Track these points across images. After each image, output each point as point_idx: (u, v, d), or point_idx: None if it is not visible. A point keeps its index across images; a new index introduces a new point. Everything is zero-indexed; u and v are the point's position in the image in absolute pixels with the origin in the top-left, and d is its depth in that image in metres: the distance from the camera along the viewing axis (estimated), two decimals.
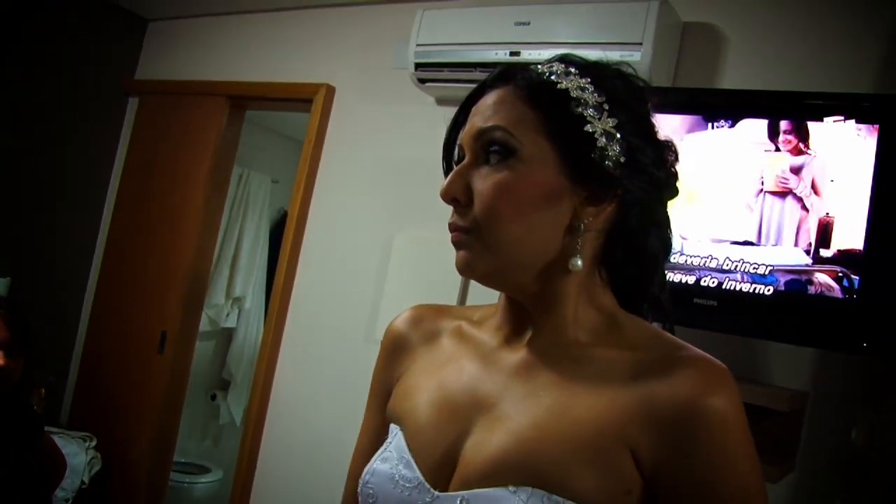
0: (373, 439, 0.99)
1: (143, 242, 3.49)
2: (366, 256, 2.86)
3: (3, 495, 1.99)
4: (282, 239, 3.13)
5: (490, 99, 0.87)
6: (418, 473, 0.85)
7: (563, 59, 0.89)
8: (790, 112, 1.77)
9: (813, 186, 1.71)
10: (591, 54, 0.93)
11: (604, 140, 0.83)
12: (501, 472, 0.78)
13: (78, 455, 3.02)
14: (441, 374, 0.93)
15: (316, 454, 2.80)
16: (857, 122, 1.66)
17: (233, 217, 4.63)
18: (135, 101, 3.76)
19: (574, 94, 0.84)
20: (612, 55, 2.08)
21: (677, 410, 0.75)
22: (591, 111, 0.84)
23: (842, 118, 1.67)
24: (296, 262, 3.05)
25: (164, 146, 3.53)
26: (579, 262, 0.84)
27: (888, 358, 1.67)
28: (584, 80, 0.85)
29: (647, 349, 0.82)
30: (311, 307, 2.99)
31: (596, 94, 0.85)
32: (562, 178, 0.83)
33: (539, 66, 0.88)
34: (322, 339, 2.92)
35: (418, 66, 2.56)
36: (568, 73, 0.86)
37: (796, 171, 1.73)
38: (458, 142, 0.91)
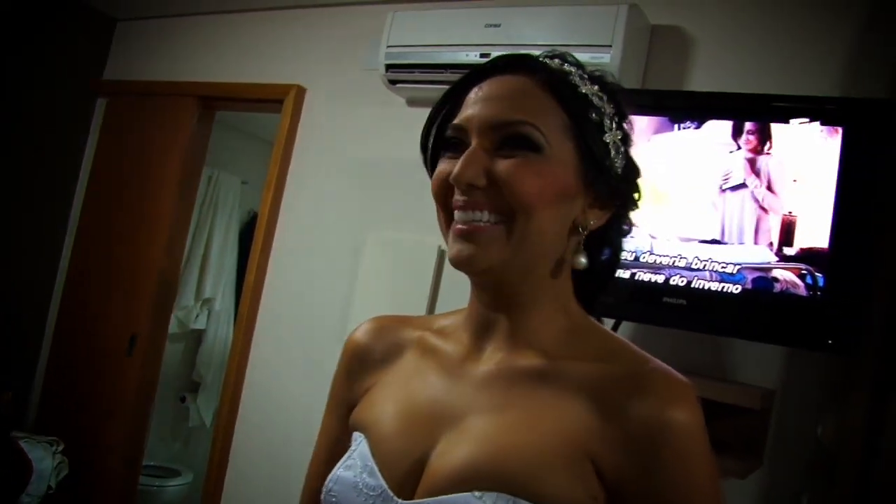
0: (331, 446, 0.99)
1: (111, 244, 3.45)
2: (337, 257, 2.85)
3: None
4: (251, 240, 3.11)
5: (506, 86, 0.84)
6: (382, 482, 0.84)
7: (564, 58, 0.88)
8: (756, 114, 1.80)
9: (769, 185, 1.74)
10: None
11: (614, 150, 0.86)
12: (468, 480, 0.77)
13: (44, 459, 2.98)
14: (406, 386, 0.93)
15: (287, 455, 2.79)
16: (822, 124, 1.70)
17: (202, 218, 4.60)
18: (103, 101, 3.71)
19: (595, 101, 0.85)
20: (582, 57, 2.11)
21: (641, 427, 0.75)
22: (607, 120, 0.86)
23: (807, 120, 1.71)
24: (266, 264, 3.04)
25: (133, 147, 3.49)
26: (584, 260, 0.87)
27: (852, 355, 1.70)
28: (595, 87, 0.86)
29: (612, 362, 0.82)
30: (281, 308, 2.98)
31: (608, 105, 0.86)
32: (578, 180, 0.84)
33: (551, 61, 0.87)
34: (293, 340, 2.91)
35: (389, 67, 2.57)
36: (583, 78, 0.86)
37: (754, 169, 1.76)
38: (458, 125, 0.85)
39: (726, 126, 1.81)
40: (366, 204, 2.83)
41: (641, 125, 1.90)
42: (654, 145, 1.88)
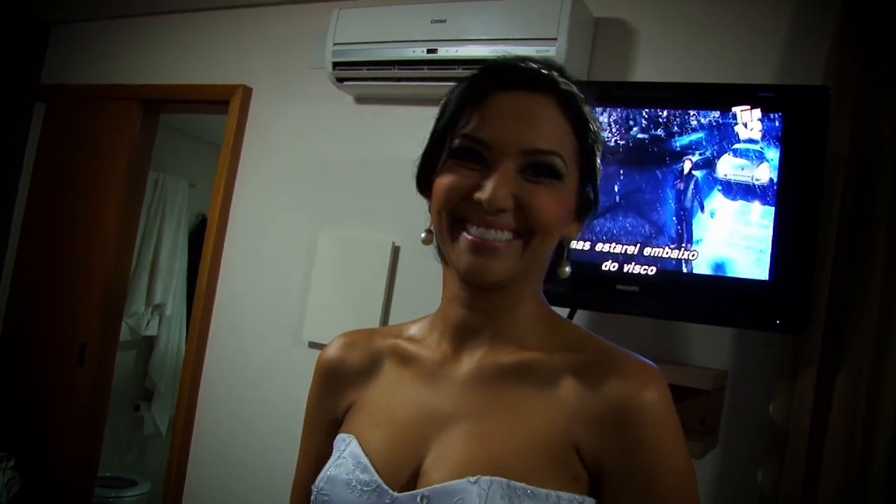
0: (314, 468, 0.98)
1: (56, 252, 3.38)
2: (290, 258, 2.84)
3: None
4: (201, 243, 3.07)
5: (532, 107, 0.86)
6: (376, 476, 0.86)
7: (562, 72, 0.90)
8: (700, 102, 1.83)
9: (715, 173, 1.78)
10: (507, 50, 0.97)
11: (600, 173, 0.94)
12: (464, 473, 0.81)
13: None
14: (393, 396, 0.95)
15: (247, 459, 2.77)
16: (763, 111, 1.74)
17: (150, 223, 4.52)
18: (41, 106, 3.63)
19: (591, 125, 0.90)
20: (528, 51, 2.15)
21: (615, 408, 0.81)
22: (598, 144, 0.92)
23: (748, 107, 1.75)
24: (218, 267, 3.00)
25: (75, 152, 3.42)
26: (568, 269, 0.95)
27: (800, 333, 1.76)
28: (588, 108, 0.90)
29: (584, 351, 0.88)
30: (235, 311, 2.95)
31: (597, 125, 0.92)
32: (575, 201, 0.91)
33: (566, 83, 0.88)
34: (249, 343, 2.88)
35: (336, 65, 2.56)
36: (582, 99, 0.89)
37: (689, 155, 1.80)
38: (484, 142, 0.85)
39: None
40: (317, 203, 2.82)
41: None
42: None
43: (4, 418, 3.38)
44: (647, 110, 1.87)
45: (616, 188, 1.87)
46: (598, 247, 1.87)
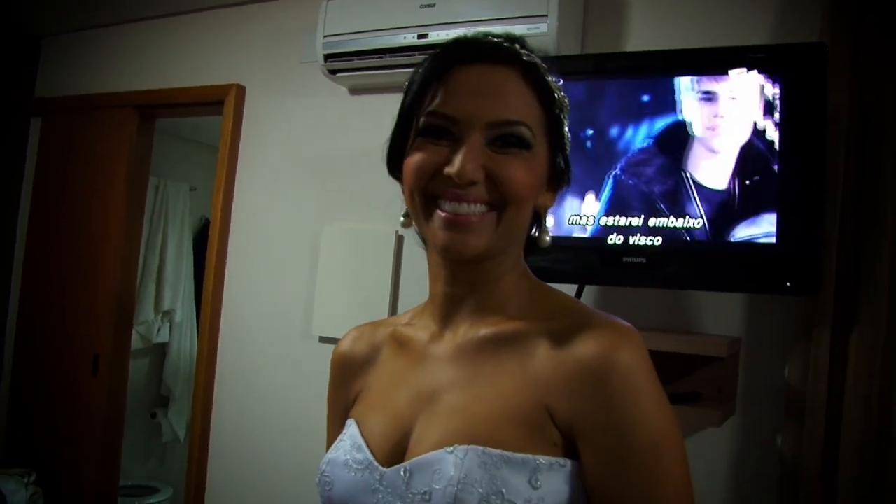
0: None
1: (63, 266, 3.38)
2: (294, 253, 2.83)
3: None
4: (206, 247, 3.07)
5: (496, 79, 0.87)
6: (369, 455, 0.89)
7: (524, 44, 0.90)
8: (694, 68, 1.81)
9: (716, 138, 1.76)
10: (499, 30, 0.95)
11: (568, 141, 0.95)
12: (444, 444, 0.82)
13: (17, 492, 2.93)
14: (388, 380, 0.99)
15: (266, 458, 2.77)
16: (760, 72, 1.72)
17: (153, 229, 4.53)
18: (38, 120, 3.63)
19: (557, 95, 0.91)
20: (519, 29, 2.13)
21: (585, 369, 0.80)
22: (565, 113, 0.93)
23: (744, 70, 1.73)
24: (223, 268, 3.00)
25: (74, 164, 3.42)
26: (548, 238, 0.96)
27: (811, 294, 1.74)
28: (553, 78, 0.91)
29: (561, 318, 0.88)
30: (244, 311, 2.94)
31: (563, 95, 0.92)
32: (546, 170, 0.92)
33: (528, 54, 0.89)
34: (259, 342, 2.88)
35: (327, 57, 2.54)
36: (545, 69, 0.90)
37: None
38: (450, 116, 0.85)
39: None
40: (318, 196, 2.81)
41: (579, 91, 1.91)
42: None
43: (24, 434, 3.40)
44: (643, 80, 1.86)
45: (618, 159, 1.86)
46: (603, 220, 1.86)
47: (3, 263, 3.57)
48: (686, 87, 1.79)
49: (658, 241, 1.81)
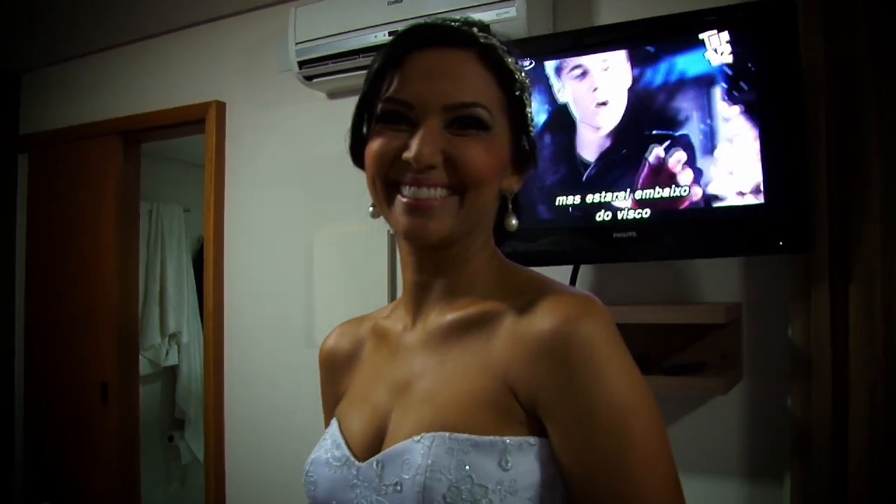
0: None
1: (63, 298, 3.38)
2: (290, 264, 2.83)
3: None
4: None
5: (450, 61, 0.86)
6: (346, 451, 0.90)
7: (481, 27, 0.90)
8: (665, 35, 1.80)
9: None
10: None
11: (531, 122, 0.93)
12: (414, 434, 0.82)
13: None
14: (368, 373, 0.99)
15: (283, 469, 2.76)
16: (730, 32, 1.70)
17: (151, 254, 4.53)
18: (24, 157, 3.63)
19: (517, 75, 0.90)
20: (489, 15, 2.11)
21: (543, 343, 0.79)
22: (526, 94, 0.92)
23: (715, 31, 1.71)
24: (221, 286, 3.00)
25: (65, 196, 3.42)
26: (515, 222, 0.94)
27: (805, 251, 1.73)
28: (512, 59, 0.90)
29: (523, 294, 0.86)
30: (246, 326, 2.94)
31: (524, 76, 0.92)
32: (509, 152, 0.90)
33: (485, 36, 0.88)
34: (263, 356, 2.88)
35: (301, 63, 2.54)
36: (503, 50, 0.90)
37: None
38: (405, 101, 0.85)
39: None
40: (307, 204, 2.80)
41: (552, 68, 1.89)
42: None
43: (42, 468, 3.40)
44: (621, 51, 1.84)
45: (603, 136, 1.84)
46: (589, 198, 1.84)
47: (5, 301, 3.58)
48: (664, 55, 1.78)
49: (647, 213, 1.80)
